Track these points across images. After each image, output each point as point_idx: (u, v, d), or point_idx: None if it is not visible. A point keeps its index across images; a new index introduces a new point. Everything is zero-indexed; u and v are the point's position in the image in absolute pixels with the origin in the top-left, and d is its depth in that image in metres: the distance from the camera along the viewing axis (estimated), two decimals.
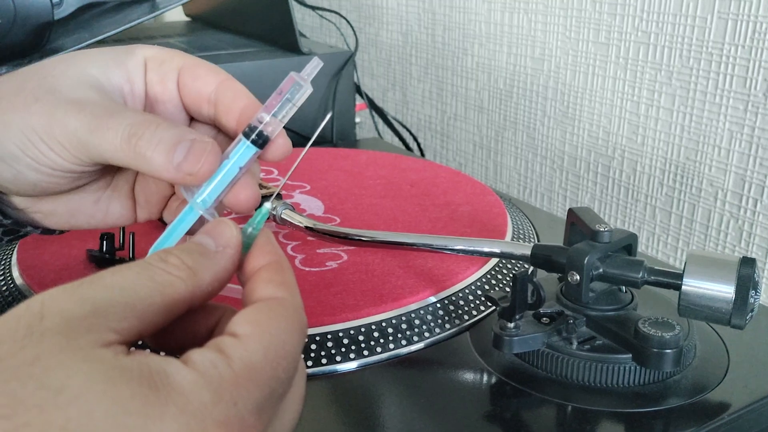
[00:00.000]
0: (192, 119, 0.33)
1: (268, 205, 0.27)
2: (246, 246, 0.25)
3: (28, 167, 0.29)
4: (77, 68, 0.30)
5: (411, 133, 0.91)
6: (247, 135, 0.29)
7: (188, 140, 0.27)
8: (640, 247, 0.76)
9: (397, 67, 1.13)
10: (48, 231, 0.34)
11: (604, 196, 0.79)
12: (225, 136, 0.32)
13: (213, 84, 0.31)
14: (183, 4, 1.09)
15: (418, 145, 0.91)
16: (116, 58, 0.31)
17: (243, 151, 0.29)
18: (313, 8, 0.95)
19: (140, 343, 0.23)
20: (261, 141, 0.29)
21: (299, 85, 0.29)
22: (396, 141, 0.93)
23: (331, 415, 0.34)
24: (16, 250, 0.47)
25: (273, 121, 0.29)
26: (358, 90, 0.85)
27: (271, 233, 0.26)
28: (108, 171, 0.33)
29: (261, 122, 0.29)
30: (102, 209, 0.33)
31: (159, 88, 0.31)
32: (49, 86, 0.29)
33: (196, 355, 0.21)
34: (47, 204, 0.32)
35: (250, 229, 0.26)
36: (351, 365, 0.37)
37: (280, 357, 0.22)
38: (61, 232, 0.35)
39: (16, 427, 0.17)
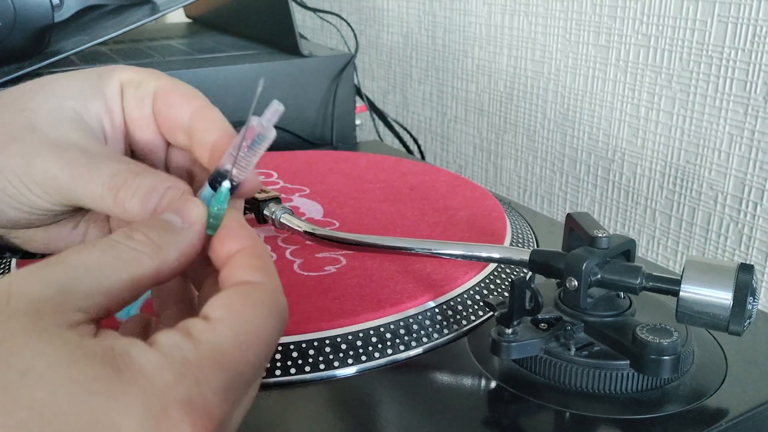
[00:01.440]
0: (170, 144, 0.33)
1: (226, 183, 0.27)
2: (213, 226, 0.26)
3: (7, 205, 0.29)
4: (55, 101, 0.29)
5: (411, 136, 0.91)
6: (212, 183, 0.28)
7: (162, 188, 0.27)
8: (640, 251, 0.76)
9: (397, 70, 1.13)
10: (28, 255, 0.34)
11: (604, 198, 0.79)
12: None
13: (187, 112, 0.30)
14: (184, 6, 1.10)
15: (419, 147, 0.91)
16: (93, 85, 0.30)
17: (210, 200, 0.28)
18: (314, 10, 0.95)
19: None
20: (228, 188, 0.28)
21: (262, 136, 0.27)
22: (396, 143, 0.93)
23: (329, 421, 0.34)
24: None
25: (238, 169, 0.28)
26: (358, 92, 0.85)
27: (242, 216, 0.27)
28: None
29: (227, 170, 0.28)
30: (80, 235, 0.33)
31: (136, 113, 0.31)
32: (26, 123, 0.28)
33: (161, 337, 0.21)
34: (25, 233, 0.32)
35: (216, 208, 0.26)
36: (349, 371, 0.37)
37: (251, 342, 0.22)
38: (42, 256, 0.34)
39: None
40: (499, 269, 0.45)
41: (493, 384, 0.36)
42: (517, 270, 0.46)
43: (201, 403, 0.20)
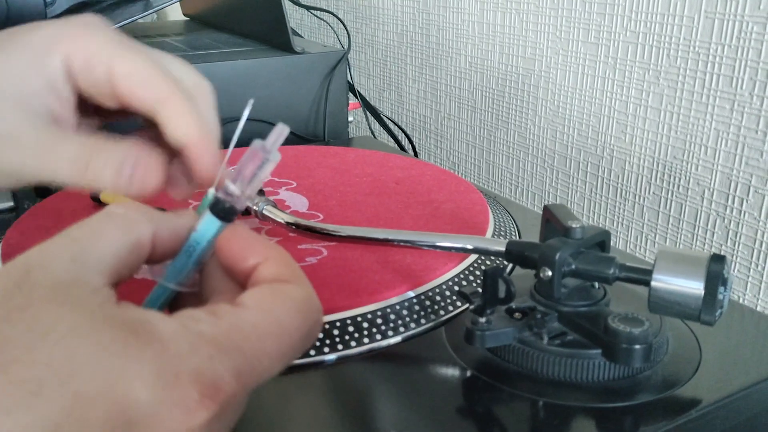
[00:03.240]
0: None
1: (211, 191, 0.27)
2: (201, 237, 0.26)
3: None
4: (5, 81, 0.29)
5: (405, 133, 0.92)
6: (215, 209, 0.26)
7: (133, 157, 0.28)
8: (629, 246, 0.76)
9: (392, 68, 1.14)
10: None
11: (594, 195, 0.80)
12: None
13: (151, 101, 0.29)
14: (180, 3, 1.10)
15: (412, 144, 0.91)
16: (33, 66, 0.29)
17: (209, 226, 0.26)
18: (308, 8, 0.96)
19: None
20: (229, 216, 0.26)
21: (267, 160, 0.26)
22: (391, 141, 0.93)
23: (306, 406, 0.34)
24: (0, 245, 0.47)
25: (240, 195, 0.26)
26: (351, 89, 0.85)
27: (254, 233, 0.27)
28: None
29: (230, 195, 0.26)
30: None
31: (93, 91, 0.30)
32: None
33: (186, 311, 0.22)
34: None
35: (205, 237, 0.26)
36: (328, 358, 0.37)
37: (272, 332, 0.22)
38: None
39: (6, 362, 0.19)
40: (479, 261, 0.45)
41: (468, 373, 0.36)
42: (498, 261, 0.46)
43: (211, 376, 0.20)
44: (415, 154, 0.90)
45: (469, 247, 0.40)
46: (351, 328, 0.38)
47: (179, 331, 0.21)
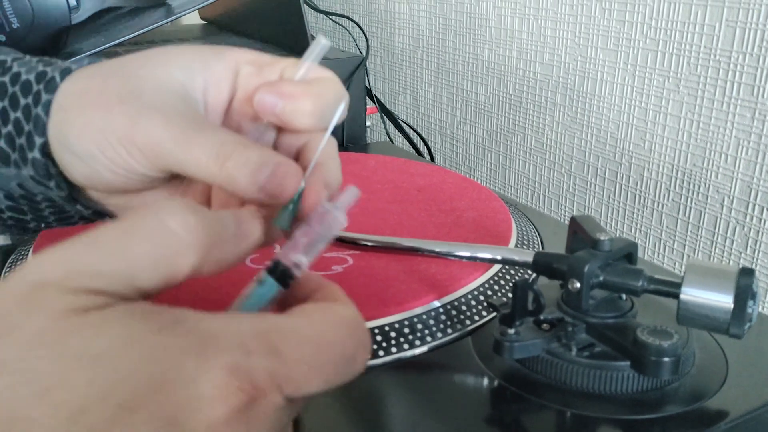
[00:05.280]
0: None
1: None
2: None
3: (104, 168, 0.29)
4: (163, 71, 0.29)
5: (421, 137, 0.92)
6: (274, 274, 0.25)
7: (273, 163, 0.27)
8: (647, 253, 0.76)
9: (408, 72, 1.14)
10: None
11: (612, 201, 0.80)
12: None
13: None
14: (198, 9, 1.11)
15: (428, 149, 0.91)
16: (203, 60, 0.30)
17: (265, 290, 0.26)
18: (326, 13, 0.96)
19: None
20: (285, 281, 0.26)
21: (338, 222, 0.26)
22: (407, 145, 0.94)
23: (335, 415, 0.35)
24: (31, 250, 0.48)
25: (305, 261, 0.26)
26: (369, 94, 0.86)
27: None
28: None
29: (295, 265, 0.26)
30: None
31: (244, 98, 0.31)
32: (132, 87, 0.28)
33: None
34: (121, 199, 0.32)
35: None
36: None
37: (312, 341, 0.22)
38: None
39: (42, 390, 0.18)
40: (504, 270, 0.46)
41: (495, 383, 0.37)
42: (522, 271, 0.46)
43: (246, 370, 0.20)
44: (432, 159, 0.91)
45: (499, 257, 0.40)
46: (379, 338, 0.39)
47: (219, 325, 0.21)
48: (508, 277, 0.45)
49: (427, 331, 0.40)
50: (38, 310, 0.20)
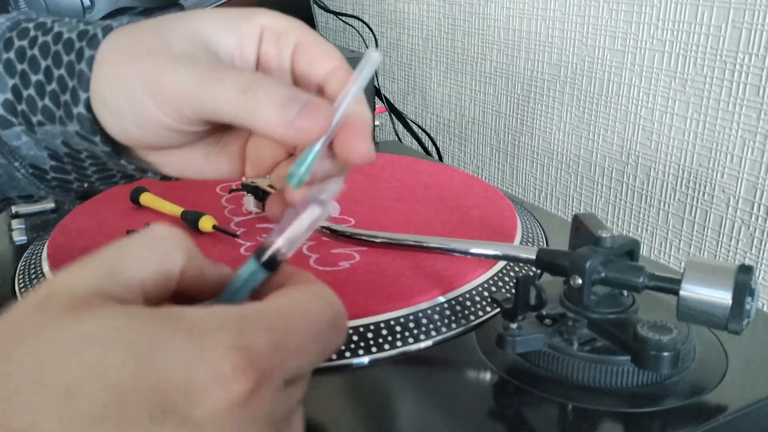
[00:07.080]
0: None
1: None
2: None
3: (131, 123, 0.29)
4: (191, 25, 0.30)
5: (430, 137, 0.93)
6: (260, 259, 0.27)
7: (302, 99, 0.27)
8: (653, 252, 0.77)
9: (417, 71, 1.15)
10: (166, 177, 0.35)
11: (618, 200, 0.80)
12: None
13: (325, 69, 0.30)
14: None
15: (437, 148, 0.92)
16: (231, 21, 0.31)
17: (251, 274, 0.27)
18: (336, 13, 0.97)
19: None
20: (272, 265, 0.27)
21: (322, 212, 0.27)
22: (415, 144, 0.94)
23: (341, 407, 0.36)
24: (46, 246, 0.49)
25: (288, 247, 0.27)
26: (378, 93, 0.86)
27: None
28: (218, 129, 0.33)
29: (276, 249, 0.27)
30: (212, 164, 0.33)
31: (274, 62, 0.31)
32: (161, 40, 0.29)
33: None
34: (159, 156, 0.33)
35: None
36: (361, 360, 0.38)
37: (296, 315, 0.24)
38: (177, 179, 0.36)
39: (37, 373, 0.20)
40: (508, 267, 0.46)
41: (498, 377, 0.38)
42: (527, 268, 0.47)
43: (244, 347, 0.21)
44: (440, 158, 0.92)
45: (501, 254, 0.41)
46: (384, 332, 0.40)
47: (208, 313, 0.22)
48: (512, 273, 0.46)
49: (432, 326, 0.41)
50: (47, 310, 0.22)
